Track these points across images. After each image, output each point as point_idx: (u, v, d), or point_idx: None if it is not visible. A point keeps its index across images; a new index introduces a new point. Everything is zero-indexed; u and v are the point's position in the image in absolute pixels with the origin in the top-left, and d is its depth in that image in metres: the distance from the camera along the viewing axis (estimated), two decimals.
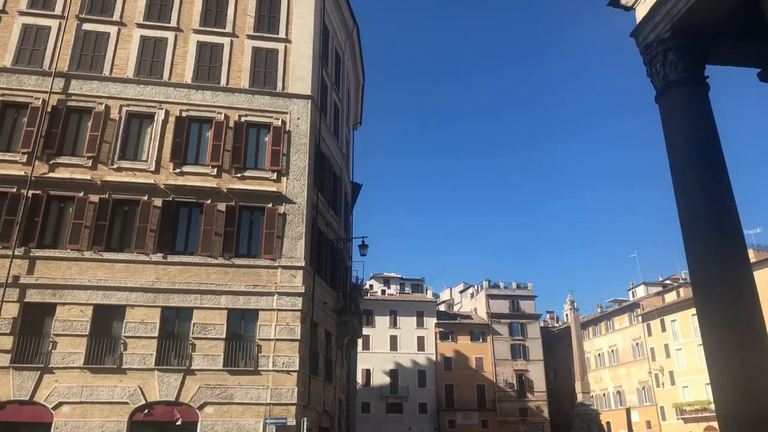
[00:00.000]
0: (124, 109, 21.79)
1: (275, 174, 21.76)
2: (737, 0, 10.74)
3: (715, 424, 49.27)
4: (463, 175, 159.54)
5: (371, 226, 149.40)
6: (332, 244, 25.06)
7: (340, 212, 27.14)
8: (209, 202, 20.90)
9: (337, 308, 24.66)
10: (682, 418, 56.29)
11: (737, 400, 10.48)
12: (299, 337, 19.84)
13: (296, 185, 21.79)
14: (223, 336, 19.52)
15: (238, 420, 18.71)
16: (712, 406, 38.93)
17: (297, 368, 19.47)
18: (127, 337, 19.14)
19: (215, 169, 21.46)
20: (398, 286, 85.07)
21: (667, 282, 71.91)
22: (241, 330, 19.97)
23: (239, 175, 21.57)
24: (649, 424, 61.47)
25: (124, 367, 18.79)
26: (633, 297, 72.44)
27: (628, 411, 43.05)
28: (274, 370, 19.36)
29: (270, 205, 21.22)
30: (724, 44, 13.28)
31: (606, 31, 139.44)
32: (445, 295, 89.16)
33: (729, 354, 10.54)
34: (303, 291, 20.42)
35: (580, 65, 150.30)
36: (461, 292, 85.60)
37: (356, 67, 33.89)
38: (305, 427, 18.73)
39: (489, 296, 73.23)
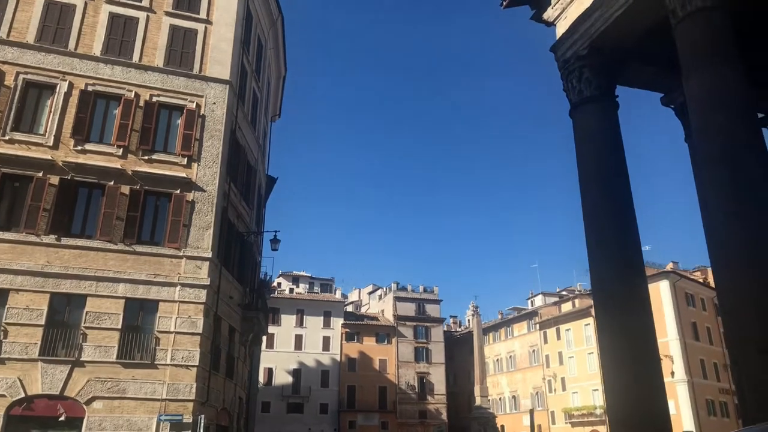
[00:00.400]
0: (21, 76, 20.02)
1: (186, 159, 20.80)
2: (651, 25, 11.44)
3: (599, 428, 52.45)
4: (382, 176, 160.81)
5: (283, 222, 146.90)
6: (242, 237, 24.30)
7: (252, 204, 26.38)
8: (112, 183, 19.62)
9: (243, 303, 23.92)
10: (570, 422, 59.48)
11: (628, 404, 11.13)
12: (201, 331, 19.02)
13: (208, 173, 20.93)
14: (119, 326, 18.36)
15: (129, 416, 17.64)
16: (598, 411, 41.27)
17: (197, 363, 18.65)
18: (7, 324, 17.53)
19: (121, 150, 20.19)
20: (307, 285, 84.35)
21: (564, 293, 75.88)
22: (138, 321, 18.87)
23: (147, 157, 20.41)
24: (539, 428, 64.37)
25: (2, 356, 17.19)
26: (531, 306, 75.80)
27: (531, 413, 44.84)
28: (172, 365, 18.43)
29: (178, 192, 20.24)
30: (634, 67, 14.08)
31: (521, 39, 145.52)
32: (353, 296, 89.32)
33: (622, 361, 11.19)
34: (208, 283, 19.61)
35: (497, 68, 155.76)
36: (370, 293, 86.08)
37: (278, 57, 33.16)
38: (202, 424, 17.97)
39: (396, 298, 74.04)
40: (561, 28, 13.72)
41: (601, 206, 12.79)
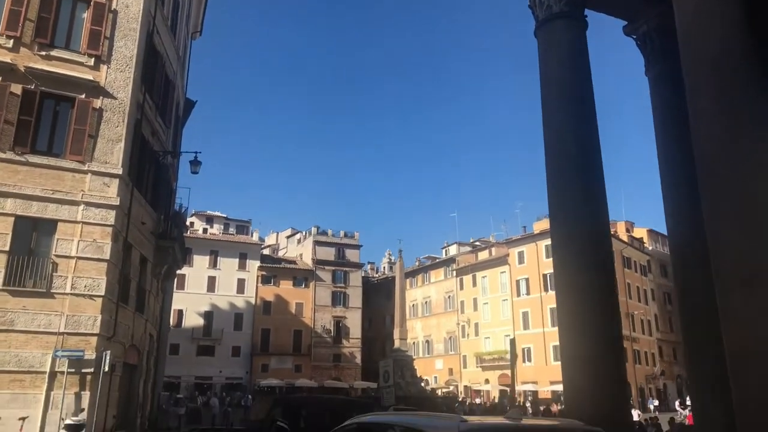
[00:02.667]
0: None
1: (93, 60, 17.73)
2: None
3: (507, 372, 54.03)
4: (305, 110, 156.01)
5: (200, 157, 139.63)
6: (157, 158, 21.59)
7: (169, 123, 23.52)
8: (0, 80, 16.40)
9: (157, 231, 21.44)
10: (480, 366, 61.34)
11: (576, 343, 10.32)
12: (108, 257, 16.59)
13: (119, 77, 18.01)
14: (7, 248, 15.57)
15: (18, 351, 15.17)
16: (508, 356, 41.47)
17: (103, 293, 16.29)
18: None
19: (11, 41, 16.82)
20: (222, 227, 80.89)
21: (477, 243, 77.38)
22: (32, 243, 16.13)
23: (44, 53, 17.17)
24: (451, 371, 66.15)
25: None
26: (446, 255, 76.68)
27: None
28: (72, 294, 15.98)
29: (83, 96, 17.27)
30: None
31: None
32: (271, 240, 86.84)
33: (582, 322, 10.38)
34: (117, 204, 17.06)
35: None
36: (288, 237, 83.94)
37: None
38: (107, 361, 15.83)
39: (316, 242, 72.55)
40: None
41: (566, 131, 11.69)
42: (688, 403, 35.38)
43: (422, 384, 43.56)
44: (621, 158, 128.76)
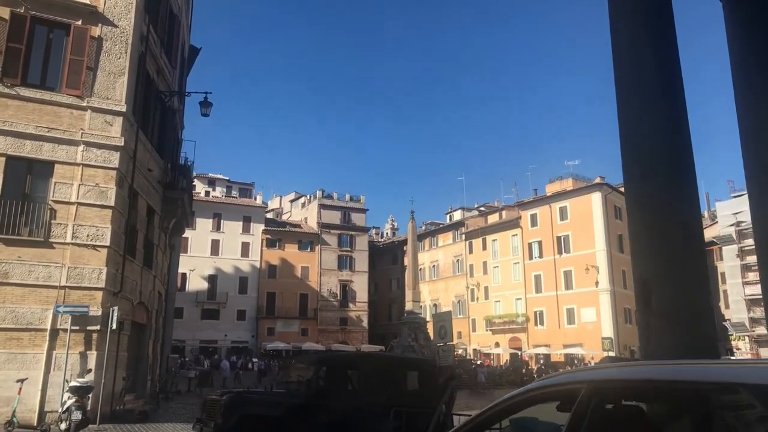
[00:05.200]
0: None
1: None
2: None
3: (519, 335, 53.05)
4: (315, 73, 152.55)
5: (200, 120, 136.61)
6: (163, 100, 19.67)
7: (175, 63, 21.52)
8: None
9: (164, 181, 19.67)
10: (490, 330, 60.32)
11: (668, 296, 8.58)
12: (113, 204, 14.87)
13: (119, 3, 15.96)
14: None
15: (14, 307, 13.57)
16: (519, 319, 40.60)
17: (108, 243, 14.63)
18: None
19: None
20: (224, 189, 79.01)
21: (482, 208, 75.70)
22: (27, 187, 14.39)
23: None
24: (459, 335, 65.19)
25: None
26: (450, 220, 75.04)
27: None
28: (73, 244, 14.31)
29: (79, 23, 15.29)
30: None
31: None
32: (274, 204, 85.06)
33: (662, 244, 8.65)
34: (122, 144, 15.25)
35: None
36: (292, 201, 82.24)
37: None
38: (115, 318, 14.26)
39: (321, 206, 70.89)
40: None
41: (640, 43, 9.84)
42: None
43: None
44: None
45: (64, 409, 12.35)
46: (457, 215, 74.57)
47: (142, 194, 17.46)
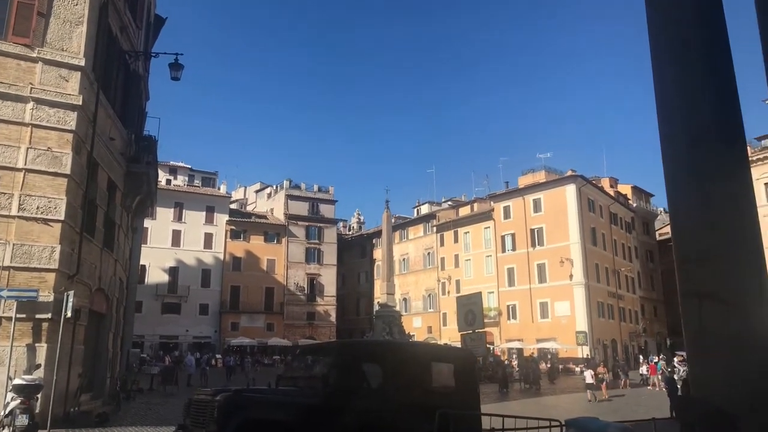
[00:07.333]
0: None
1: None
2: None
3: (491, 329, 51.88)
4: (283, 61, 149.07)
5: (162, 106, 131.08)
6: (127, 62, 17.46)
7: (140, 23, 19.26)
8: None
9: (128, 154, 17.47)
10: None
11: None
12: (69, 172, 12.74)
13: None
14: None
15: None
16: (492, 313, 39.32)
17: (62, 217, 12.50)
18: None
19: None
20: (186, 178, 75.94)
21: (450, 203, 74.61)
22: None
23: None
24: (430, 329, 64.02)
25: None
26: (417, 214, 73.67)
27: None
28: (20, 217, 12.15)
29: None
30: None
31: None
32: (238, 194, 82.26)
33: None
34: (79, 104, 13.11)
35: None
36: (257, 191, 79.63)
37: None
38: (70, 305, 12.13)
39: (289, 197, 68.60)
40: None
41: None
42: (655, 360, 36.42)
43: (409, 340, 40.98)
44: (603, 112, 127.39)
45: (7, 412, 10.32)
46: (425, 209, 73.35)
47: (103, 165, 15.27)
